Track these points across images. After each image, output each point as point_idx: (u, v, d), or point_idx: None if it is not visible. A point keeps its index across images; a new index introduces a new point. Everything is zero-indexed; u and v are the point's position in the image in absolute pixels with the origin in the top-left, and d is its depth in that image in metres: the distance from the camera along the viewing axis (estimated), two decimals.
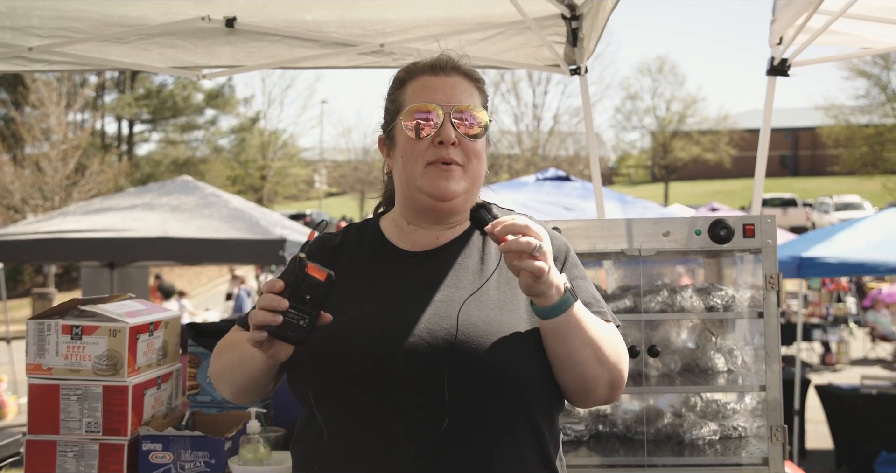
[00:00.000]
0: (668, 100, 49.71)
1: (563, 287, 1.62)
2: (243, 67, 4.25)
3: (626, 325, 3.13)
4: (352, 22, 3.94)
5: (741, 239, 2.77)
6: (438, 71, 1.84)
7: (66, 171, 27.01)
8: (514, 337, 1.68)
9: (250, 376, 1.79)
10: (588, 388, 1.71)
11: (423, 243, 1.86)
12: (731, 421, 3.05)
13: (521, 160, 40.99)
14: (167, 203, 10.02)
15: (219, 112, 42.94)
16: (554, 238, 1.86)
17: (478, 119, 1.81)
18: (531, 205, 9.43)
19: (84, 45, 4.00)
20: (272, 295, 1.57)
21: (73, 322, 2.73)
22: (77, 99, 30.34)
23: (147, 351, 2.84)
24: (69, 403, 2.70)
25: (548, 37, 3.89)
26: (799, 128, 55.27)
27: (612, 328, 1.77)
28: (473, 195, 1.85)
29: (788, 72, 3.77)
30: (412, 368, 1.64)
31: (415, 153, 1.79)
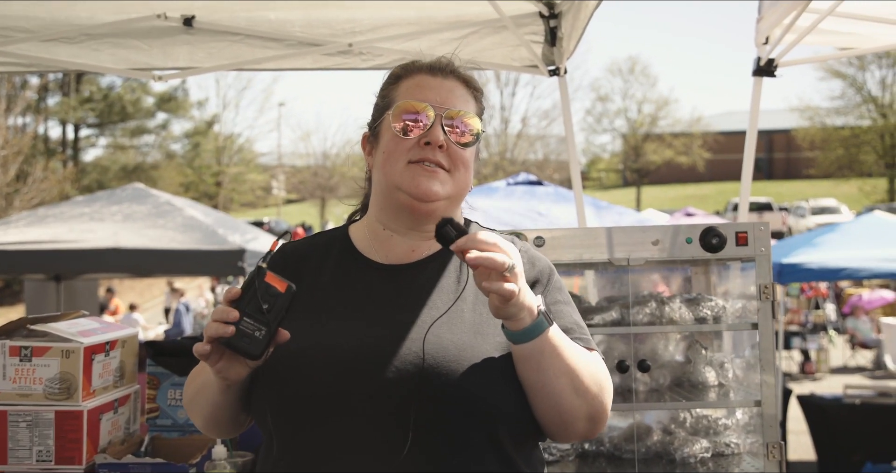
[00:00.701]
0: (640, 102, 50.26)
1: (535, 309, 1.57)
2: (202, 69, 4.18)
3: (612, 339, 3.11)
4: (318, 21, 3.89)
5: (734, 247, 2.76)
6: (437, 71, 1.81)
7: (6, 179, 26.54)
8: (487, 364, 1.62)
9: (212, 402, 1.73)
10: (564, 421, 1.66)
11: (398, 254, 1.81)
12: (723, 438, 3.04)
13: (489, 164, 41.12)
14: (118, 212, 9.88)
15: (171, 115, 42.52)
16: (537, 259, 1.84)
17: (470, 127, 1.77)
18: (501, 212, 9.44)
19: (29, 44, 3.91)
20: (224, 306, 1.54)
21: (22, 342, 2.65)
22: (17, 101, 29.83)
23: (103, 372, 2.77)
24: (18, 430, 2.63)
25: (525, 36, 3.88)
26: (773, 131, 56.05)
27: (594, 356, 1.72)
28: (456, 205, 1.81)
29: (775, 72, 3.79)
30: (376, 394, 1.59)
31: (398, 150, 1.75)
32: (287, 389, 1.63)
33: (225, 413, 1.76)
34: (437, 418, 1.58)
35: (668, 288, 3.56)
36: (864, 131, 42.52)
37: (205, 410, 1.78)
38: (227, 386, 1.66)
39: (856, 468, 8.43)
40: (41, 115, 37.49)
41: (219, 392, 1.69)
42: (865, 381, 13.92)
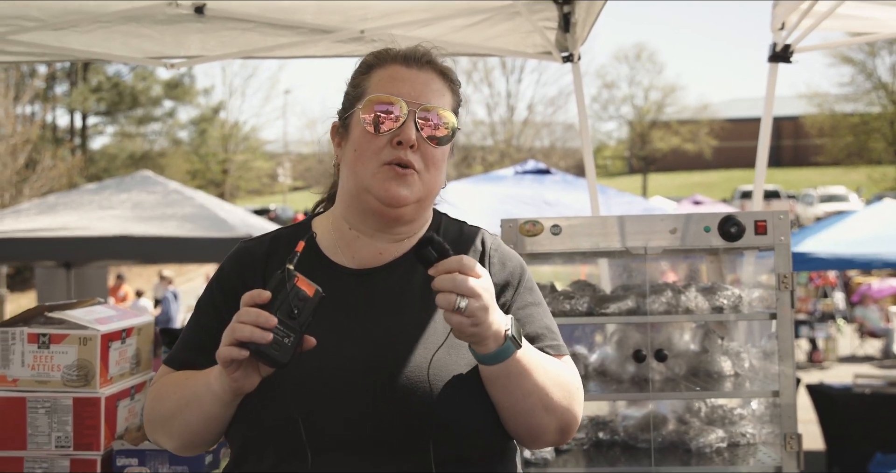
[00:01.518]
0: (647, 89, 50.06)
1: (503, 333, 1.52)
2: (213, 56, 4.17)
3: (628, 328, 3.10)
4: (330, 7, 3.87)
5: (752, 236, 2.75)
6: (411, 62, 1.71)
7: (15, 167, 26.59)
8: (456, 380, 1.59)
9: (207, 416, 1.62)
10: (533, 435, 1.64)
11: (365, 256, 1.73)
12: (739, 428, 3.04)
13: (496, 151, 41.06)
14: (127, 200, 9.92)
15: (177, 103, 42.53)
16: (508, 258, 1.77)
17: (444, 122, 1.68)
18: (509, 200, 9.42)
19: (41, 33, 3.89)
20: (258, 310, 1.44)
21: (40, 330, 2.65)
22: (26, 90, 29.86)
23: (119, 359, 2.78)
24: (37, 417, 2.64)
25: (539, 22, 3.85)
26: (781, 118, 55.71)
27: (564, 364, 1.68)
28: (426, 206, 1.74)
29: (791, 58, 3.76)
30: (342, 413, 1.55)
31: (370, 149, 1.66)
32: (256, 411, 1.58)
33: (216, 428, 1.66)
34: (413, 440, 1.55)
35: (676, 276, 3.54)
36: (874, 118, 42.21)
37: (192, 426, 1.65)
38: (234, 397, 1.56)
39: (865, 458, 8.41)
40: (49, 104, 37.55)
41: (221, 405, 1.58)
42: (875, 370, 13.89)
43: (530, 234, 2.75)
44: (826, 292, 17.71)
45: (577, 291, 3.04)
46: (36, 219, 9.50)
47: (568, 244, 2.78)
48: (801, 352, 16.20)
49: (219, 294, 1.74)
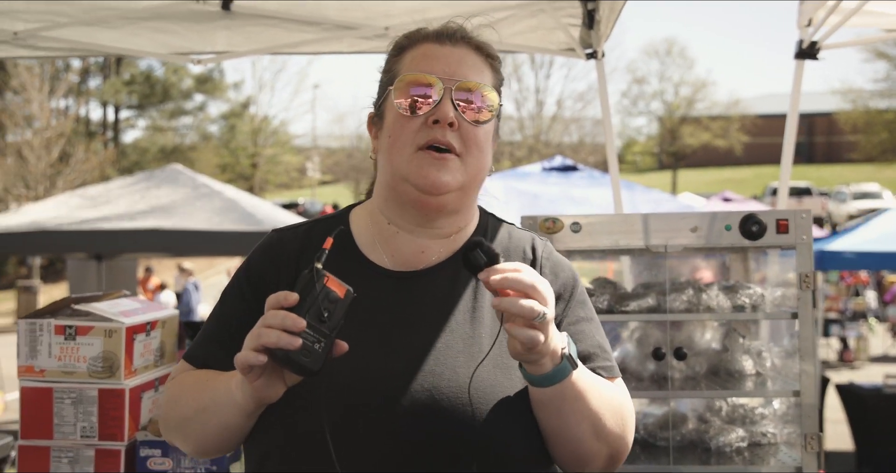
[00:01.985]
0: (677, 84, 49.61)
1: (559, 353, 1.38)
2: (239, 52, 4.21)
3: (648, 325, 3.09)
4: (354, 4, 3.89)
5: (774, 235, 2.72)
6: (444, 39, 1.58)
7: (49, 159, 26.99)
8: (501, 402, 1.45)
9: (224, 425, 1.48)
10: (582, 463, 1.50)
11: (405, 255, 1.59)
12: (760, 427, 3.02)
13: (524, 147, 40.95)
14: (157, 193, 10.01)
15: (208, 97, 42.89)
16: (560, 268, 1.63)
17: (484, 101, 1.54)
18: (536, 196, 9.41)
19: (71, 29, 3.95)
20: (286, 313, 1.30)
21: (67, 322, 2.69)
22: (60, 84, 30.27)
23: (144, 351, 2.81)
24: (63, 407, 2.68)
25: (563, 19, 3.85)
26: (814, 114, 55.10)
27: (617, 388, 1.55)
28: (470, 194, 1.59)
29: (818, 55, 3.73)
30: (375, 429, 1.42)
31: (404, 133, 1.52)
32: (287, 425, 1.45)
33: (234, 438, 1.52)
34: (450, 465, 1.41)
35: (711, 273, 3.52)
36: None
37: (208, 433, 1.52)
38: (256, 407, 1.42)
39: (895, 458, 8.33)
40: (83, 98, 38.01)
41: (241, 414, 1.44)
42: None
43: (550, 232, 2.75)
44: (858, 291, 17.50)
45: (598, 288, 3.04)
46: (67, 212, 9.64)
47: (588, 241, 2.78)
48: (831, 352, 16.02)
49: (246, 285, 1.61)
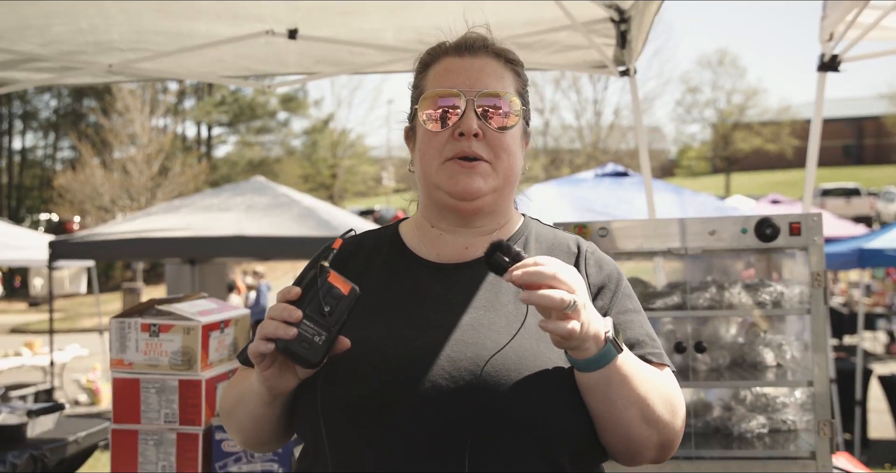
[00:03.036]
0: (729, 92, 48.74)
1: (603, 336, 1.31)
2: (310, 74, 4.33)
3: (674, 321, 3.11)
4: (407, 28, 3.98)
5: (787, 236, 2.71)
6: (464, 51, 1.54)
7: (150, 173, 27.85)
8: (551, 376, 1.37)
9: (254, 415, 1.48)
10: (633, 450, 1.42)
11: (450, 252, 1.55)
12: (781, 415, 3.00)
13: (583, 154, 40.64)
14: (241, 203, 10.27)
15: (291, 115, 43.72)
16: (604, 262, 1.58)
17: (509, 106, 1.50)
18: (589, 200, 9.40)
19: (160, 58, 4.13)
20: (285, 304, 1.30)
21: (151, 320, 2.83)
22: (159, 105, 31.19)
23: (218, 347, 2.93)
24: (149, 395, 2.82)
25: (596, 39, 3.87)
26: (863, 117, 53.42)
27: (666, 375, 1.47)
28: (505, 195, 1.55)
29: (839, 68, 3.68)
30: (426, 405, 1.34)
31: (433, 147, 1.50)
32: (331, 399, 1.38)
33: (268, 428, 1.50)
34: (494, 437, 1.33)
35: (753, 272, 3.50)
36: None
37: (245, 424, 1.51)
38: (272, 397, 1.42)
39: None
40: (179, 117, 39.12)
41: (262, 403, 1.44)
42: None
43: None
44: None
45: None
46: (163, 220, 9.96)
47: (615, 245, 2.81)
48: (878, 344, 15.54)
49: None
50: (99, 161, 29.75)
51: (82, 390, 11.74)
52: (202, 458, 2.79)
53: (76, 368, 13.32)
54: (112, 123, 30.11)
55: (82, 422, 3.75)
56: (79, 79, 4.27)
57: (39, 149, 46.41)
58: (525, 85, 1.60)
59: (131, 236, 9.55)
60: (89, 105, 37.52)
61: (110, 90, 30.06)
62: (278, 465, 2.79)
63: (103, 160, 29.99)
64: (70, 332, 20.83)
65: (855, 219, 24.85)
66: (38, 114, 44.32)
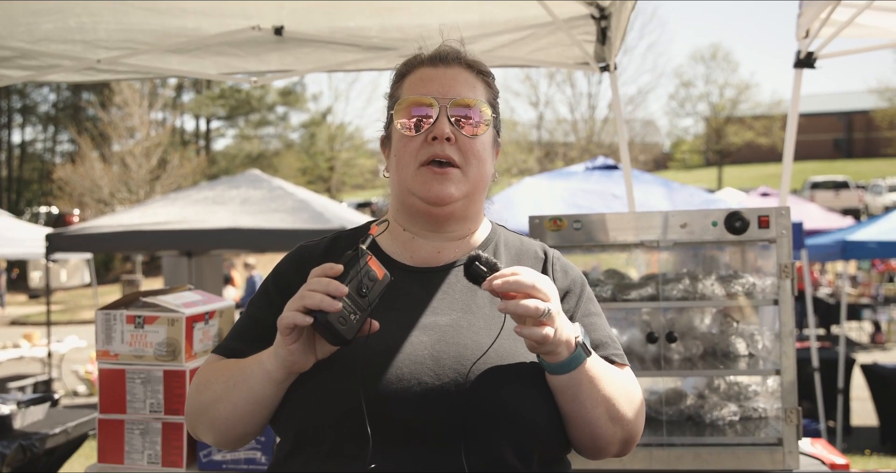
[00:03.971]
0: (722, 87, 48.74)
1: (574, 341, 1.39)
2: (291, 72, 4.34)
3: (653, 312, 3.14)
4: (391, 26, 3.99)
5: (756, 229, 2.75)
6: (438, 62, 1.59)
7: (149, 166, 27.80)
8: (527, 372, 1.44)
9: (256, 397, 1.44)
10: (598, 446, 1.49)
11: (424, 256, 1.60)
12: (752, 403, 3.04)
13: (577, 148, 40.58)
14: (237, 196, 10.27)
15: (289, 108, 43.65)
16: (569, 268, 1.66)
17: (479, 115, 1.55)
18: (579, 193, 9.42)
19: (146, 55, 4.14)
20: (330, 279, 1.31)
21: (136, 312, 2.86)
22: (158, 99, 31.12)
23: (203, 338, 2.95)
24: (134, 386, 2.84)
25: (578, 36, 3.89)
26: (853, 112, 53.50)
27: (626, 375, 1.54)
28: (476, 200, 1.60)
29: (815, 64, 3.71)
30: (414, 399, 1.38)
31: (407, 152, 1.54)
32: (323, 397, 1.41)
33: (263, 412, 1.47)
34: (475, 431, 1.38)
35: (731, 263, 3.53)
36: None
37: (238, 408, 1.47)
38: (286, 375, 1.41)
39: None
40: (177, 110, 39.04)
41: (272, 384, 1.42)
42: None
43: (555, 229, 2.82)
44: (891, 277, 17.04)
45: (607, 279, 3.10)
46: (160, 213, 9.97)
47: (589, 238, 2.84)
48: (864, 334, 15.63)
49: (273, 288, 1.62)
50: (98, 154, 29.67)
51: (81, 381, 11.77)
52: (187, 447, 2.82)
53: (75, 359, 13.35)
54: (111, 117, 30.03)
55: (72, 413, 3.78)
56: (69, 76, 4.27)
57: (39, 143, 46.38)
58: (496, 95, 1.65)
59: (127, 229, 9.56)
60: (88, 98, 37.39)
61: (108, 84, 29.97)
62: (261, 453, 2.82)
63: (102, 153, 29.90)
64: (69, 324, 20.86)
65: (843, 211, 24.91)
66: (37, 108, 44.28)
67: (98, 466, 2.87)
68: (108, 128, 29.48)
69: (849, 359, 8.88)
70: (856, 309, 14.79)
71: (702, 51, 52.08)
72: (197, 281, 12.38)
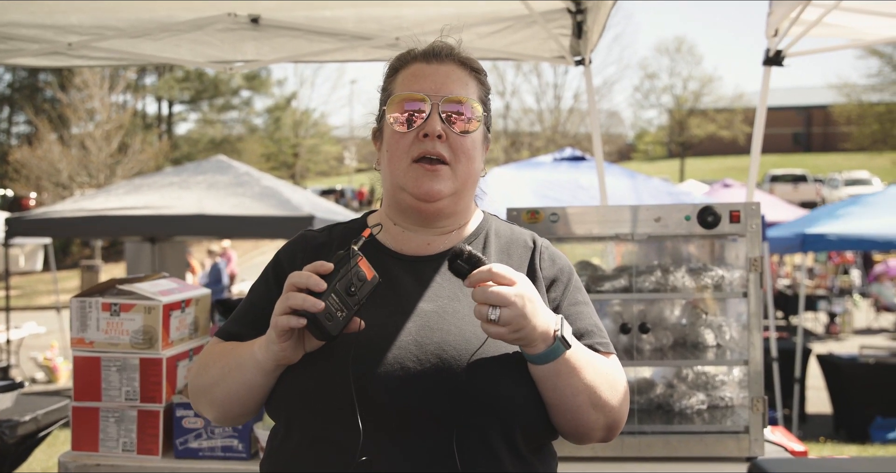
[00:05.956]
0: (685, 79, 49.30)
1: (551, 334, 1.42)
2: (266, 61, 4.32)
3: (621, 303, 3.20)
4: (368, 17, 4.00)
5: (727, 224, 2.82)
6: (431, 58, 1.60)
7: (109, 150, 27.33)
8: (510, 362, 1.47)
9: (250, 384, 1.51)
10: (581, 432, 1.53)
11: (413, 248, 1.64)
12: (719, 392, 3.12)
13: (542, 137, 40.80)
14: (203, 181, 10.16)
15: (254, 93, 43.19)
16: (557, 257, 1.68)
17: (471, 112, 1.57)
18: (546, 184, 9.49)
19: (119, 41, 4.09)
20: (311, 273, 1.37)
21: (112, 300, 2.85)
22: (119, 81, 30.57)
23: (179, 326, 2.96)
24: (110, 373, 2.84)
25: (554, 30, 3.93)
26: (812, 106, 54.51)
27: (611, 363, 1.57)
28: (464, 197, 1.63)
29: (783, 62, 3.79)
30: (396, 382, 1.43)
31: (399, 147, 1.57)
32: (312, 381, 1.46)
33: (256, 397, 1.54)
34: (458, 415, 1.42)
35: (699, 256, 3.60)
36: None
37: (233, 392, 1.53)
38: (275, 367, 1.47)
39: (867, 421, 8.40)
40: (139, 93, 38.39)
41: (262, 373, 1.48)
42: (882, 342, 13.71)
43: (532, 221, 2.87)
44: (846, 269, 17.44)
45: (580, 270, 3.15)
46: (124, 198, 9.82)
47: (565, 230, 2.89)
48: (819, 325, 15.99)
49: (272, 275, 1.66)
50: (56, 137, 29.08)
51: (39, 368, 11.60)
52: (163, 434, 2.83)
53: (33, 346, 13.14)
54: (70, 98, 29.44)
55: (42, 400, 3.74)
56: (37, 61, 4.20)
57: None
58: (487, 92, 1.67)
59: (91, 213, 9.42)
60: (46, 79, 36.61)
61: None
62: (238, 440, 2.84)
63: (61, 136, 29.32)
64: (27, 310, 20.49)
65: (802, 204, 25.38)
66: None
67: (72, 454, 2.86)
68: (68, 111, 28.90)
69: (805, 349, 9.10)
70: (812, 300, 15.12)
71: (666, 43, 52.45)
72: (160, 267, 12.25)
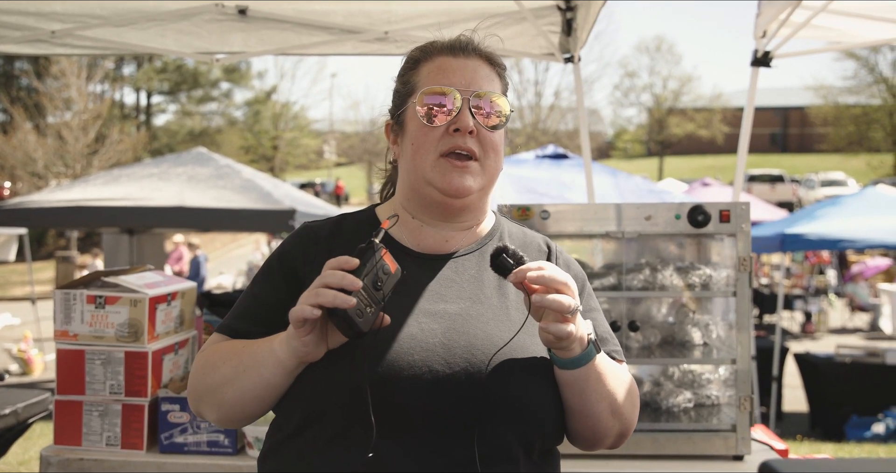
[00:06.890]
0: (665, 78, 49.63)
1: (587, 338, 1.43)
2: (253, 53, 4.28)
3: (609, 301, 3.21)
4: (358, 10, 3.97)
5: (718, 223, 2.83)
6: (458, 52, 1.58)
7: (86, 140, 27.00)
8: (535, 365, 1.47)
9: (266, 383, 1.45)
10: (596, 438, 1.54)
11: (430, 244, 1.60)
12: (706, 390, 3.13)
13: (523, 134, 40.83)
14: (183, 173, 10.09)
15: (234, 85, 42.85)
16: (571, 262, 1.68)
17: (498, 108, 1.55)
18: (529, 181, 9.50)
19: (103, 29, 4.03)
20: (345, 273, 1.31)
21: (97, 292, 2.81)
22: (97, 70, 30.19)
23: (165, 319, 2.93)
24: (94, 367, 2.80)
25: (543, 27, 3.92)
26: (789, 107, 55.09)
27: (625, 370, 1.59)
28: (489, 192, 1.62)
29: (770, 63, 3.81)
30: (425, 386, 1.40)
31: (427, 141, 1.53)
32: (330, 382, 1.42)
33: (270, 398, 1.48)
34: (482, 419, 1.40)
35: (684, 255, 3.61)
36: (875, 110, 41.65)
37: (247, 393, 1.46)
38: (297, 365, 1.42)
39: (843, 419, 8.51)
40: (118, 83, 37.96)
41: (283, 371, 1.42)
42: (858, 342, 13.87)
43: (522, 218, 2.86)
44: (822, 269, 17.63)
45: None
46: (102, 189, 9.72)
47: (555, 228, 2.89)
48: (794, 324, 16.15)
49: (278, 267, 1.60)
50: (32, 125, 28.68)
51: (13, 359, 11.46)
52: (148, 428, 2.79)
53: (7, 337, 12.98)
54: (46, 87, 29.04)
55: (21, 393, 3.69)
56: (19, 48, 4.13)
57: None
58: (508, 87, 1.66)
59: (69, 204, 9.32)
60: (22, 67, 36.06)
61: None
62: (224, 435, 2.81)
63: (37, 125, 28.92)
64: (0, 301, 20.24)
65: (778, 204, 25.63)
66: None
67: (54, 448, 2.82)
68: (44, 99, 28.50)
69: (783, 348, 9.19)
70: (789, 299, 15.29)
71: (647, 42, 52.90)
72: (137, 259, 12.15)
